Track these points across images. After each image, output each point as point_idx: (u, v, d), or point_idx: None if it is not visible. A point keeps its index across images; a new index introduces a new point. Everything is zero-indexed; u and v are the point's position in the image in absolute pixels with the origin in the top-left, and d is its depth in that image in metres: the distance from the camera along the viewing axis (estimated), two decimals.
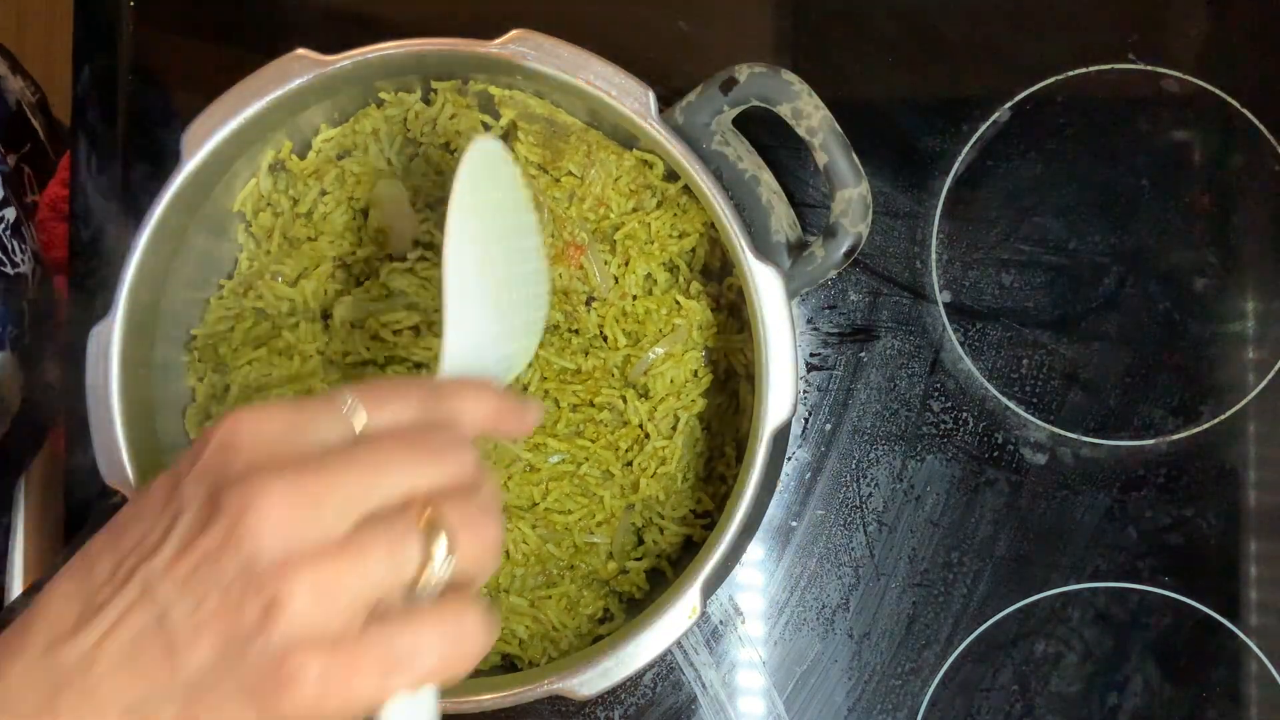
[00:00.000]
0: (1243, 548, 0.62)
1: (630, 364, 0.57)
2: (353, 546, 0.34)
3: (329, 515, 0.34)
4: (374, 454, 0.35)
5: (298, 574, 0.33)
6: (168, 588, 0.33)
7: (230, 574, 0.33)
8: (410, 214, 0.58)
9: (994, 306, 0.63)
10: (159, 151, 0.64)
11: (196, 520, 0.34)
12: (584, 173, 0.56)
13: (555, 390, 0.57)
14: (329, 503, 0.34)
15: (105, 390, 0.52)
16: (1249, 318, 0.62)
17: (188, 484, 0.35)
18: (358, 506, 0.34)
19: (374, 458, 0.35)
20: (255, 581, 0.33)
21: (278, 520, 0.33)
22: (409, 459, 0.36)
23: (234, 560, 0.33)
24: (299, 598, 0.32)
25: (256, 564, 0.33)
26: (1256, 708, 0.61)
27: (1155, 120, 0.63)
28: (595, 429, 0.57)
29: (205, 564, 0.33)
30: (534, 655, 0.57)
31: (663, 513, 0.58)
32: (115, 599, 0.34)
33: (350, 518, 0.34)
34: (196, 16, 0.66)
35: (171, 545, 0.34)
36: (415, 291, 0.57)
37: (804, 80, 0.52)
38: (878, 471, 0.63)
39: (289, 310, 0.58)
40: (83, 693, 0.33)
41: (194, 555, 0.33)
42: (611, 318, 0.57)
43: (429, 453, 0.36)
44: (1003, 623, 0.62)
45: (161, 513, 0.35)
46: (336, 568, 0.33)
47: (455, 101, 0.57)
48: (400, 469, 0.35)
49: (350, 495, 0.34)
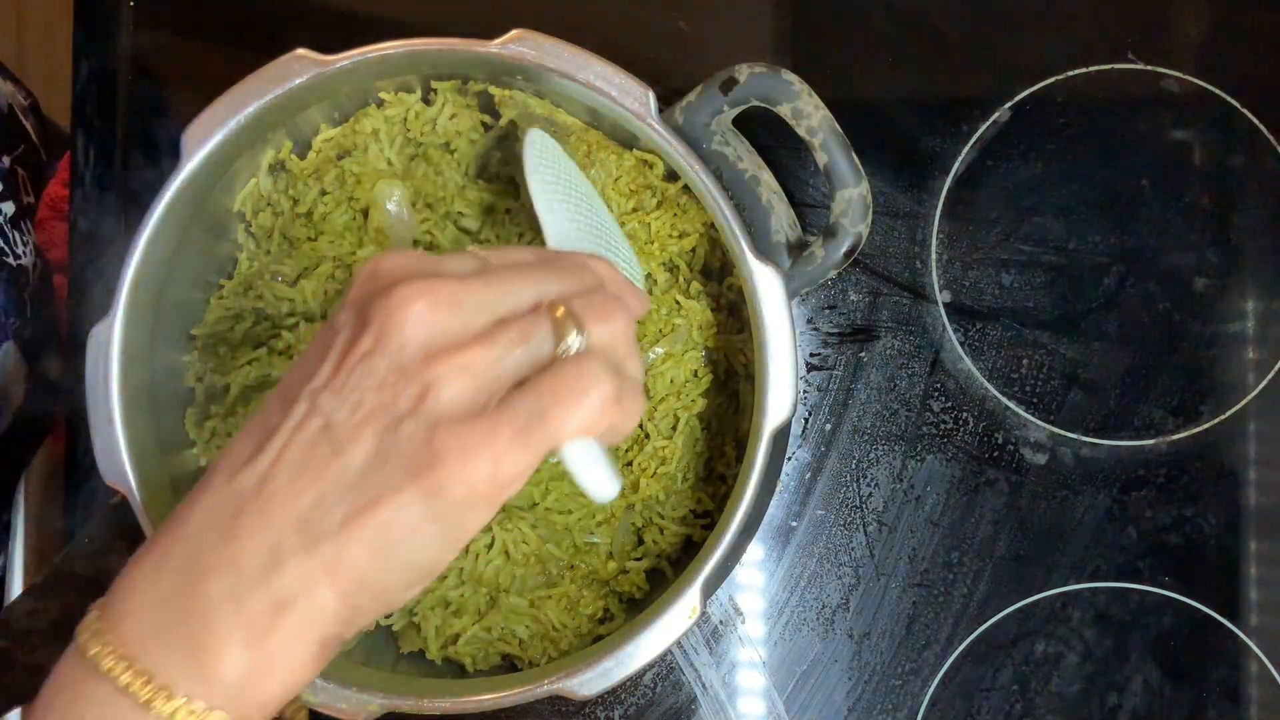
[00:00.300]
0: (1243, 548, 0.62)
1: None
2: (490, 335, 0.37)
3: (467, 313, 0.37)
4: (507, 271, 0.39)
5: (444, 361, 0.36)
6: (329, 397, 0.36)
7: (382, 371, 0.36)
8: (410, 214, 0.58)
9: (994, 306, 0.63)
10: (159, 151, 0.64)
11: (350, 336, 0.37)
12: (584, 173, 0.56)
13: None
14: (467, 304, 0.37)
15: (105, 390, 0.52)
16: (1249, 318, 0.62)
17: (341, 314, 0.38)
18: (493, 308, 0.37)
19: (507, 273, 0.38)
20: (405, 373, 0.36)
21: (420, 319, 0.36)
22: (539, 273, 0.39)
23: (384, 359, 0.36)
24: (446, 381, 0.35)
25: (404, 358, 0.36)
26: (1256, 708, 0.61)
27: (1155, 120, 0.63)
28: None
29: (360, 368, 0.36)
30: (534, 655, 0.57)
31: (663, 513, 0.58)
32: (285, 421, 0.37)
33: (486, 317, 0.37)
34: (196, 16, 0.66)
35: (331, 362, 0.37)
36: None
37: (804, 80, 0.52)
38: (878, 471, 0.63)
39: (289, 310, 0.58)
40: (258, 511, 0.36)
41: (350, 362, 0.36)
42: None
43: (557, 269, 0.40)
44: (1003, 623, 0.62)
45: (322, 346, 0.38)
46: (477, 352, 0.36)
47: (455, 101, 0.57)
48: (531, 281, 0.39)
49: (485, 299, 0.37)
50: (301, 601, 0.35)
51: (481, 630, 0.57)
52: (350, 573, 0.35)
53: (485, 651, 0.57)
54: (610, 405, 0.37)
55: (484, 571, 0.56)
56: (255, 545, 0.35)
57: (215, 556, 0.35)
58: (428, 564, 0.37)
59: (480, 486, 0.35)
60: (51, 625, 0.53)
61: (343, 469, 0.35)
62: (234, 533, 0.35)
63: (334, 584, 0.35)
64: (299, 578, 0.35)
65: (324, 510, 0.35)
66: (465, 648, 0.57)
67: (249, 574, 0.35)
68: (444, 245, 0.58)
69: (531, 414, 0.36)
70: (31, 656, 0.53)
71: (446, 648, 0.57)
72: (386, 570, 0.36)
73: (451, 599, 0.57)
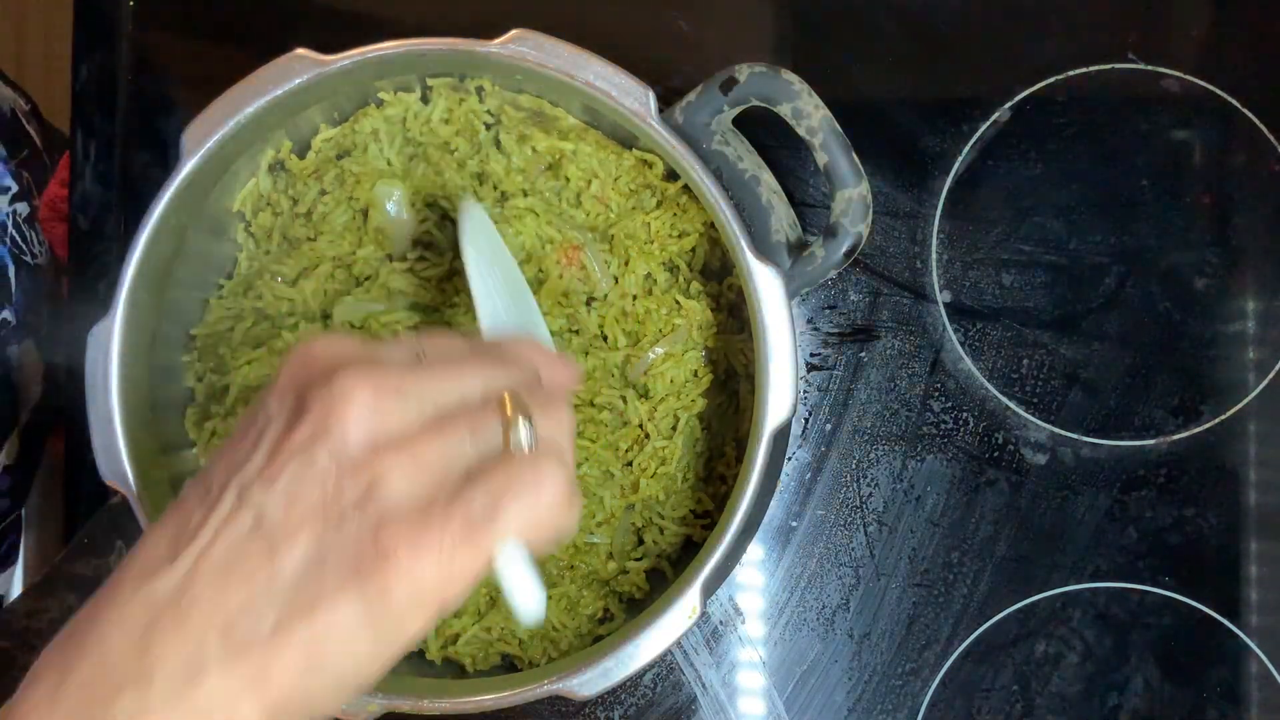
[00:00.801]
0: (1243, 548, 0.62)
1: (630, 364, 0.57)
2: (438, 426, 0.35)
3: (412, 403, 0.35)
4: (449, 363, 0.37)
5: (392, 453, 0.33)
6: (261, 490, 0.33)
7: (323, 463, 0.33)
8: (410, 214, 0.58)
9: (994, 306, 0.63)
10: (159, 151, 0.64)
11: (285, 424, 0.34)
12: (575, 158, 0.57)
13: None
14: (412, 394, 0.35)
15: (105, 390, 0.52)
16: (1249, 318, 0.62)
17: (272, 400, 0.35)
18: (438, 399, 0.35)
19: (450, 365, 0.37)
20: (350, 465, 0.33)
21: (365, 407, 0.34)
22: (483, 365, 0.37)
23: (325, 450, 0.33)
24: (395, 474, 0.33)
25: (348, 449, 0.33)
26: (1256, 708, 0.61)
27: (1155, 120, 0.63)
28: (595, 429, 0.57)
29: (298, 459, 0.33)
30: (534, 655, 0.57)
31: (663, 513, 0.58)
32: (209, 518, 0.33)
33: (431, 408, 0.35)
34: (196, 16, 0.66)
35: (262, 451, 0.34)
36: (415, 292, 0.57)
37: (804, 80, 0.52)
38: (878, 471, 0.63)
39: (289, 310, 0.58)
40: (178, 617, 0.32)
41: (285, 453, 0.33)
42: (611, 318, 0.57)
43: (499, 361, 0.38)
44: (1003, 623, 0.62)
45: (249, 432, 0.35)
46: (427, 444, 0.34)
47: (450, 98, 0.57)
48: (475, 373, 0.37)
49: (430, 389, 0.35)
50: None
51: (481, 630, 0.57)
52: (279, 685, 0.32)
53: (485, 651, 0.57)
54: (563, 504, 0.35)
55: None
56: (172, 656, 0.32)
57: (125, 670, 0.32)
58: (358, 674, 0.33)
59: (427, 588, 0.33)
60: (51, 625, 0.53)
61: (277, 570, 0.32)
62: (148, 643, 0.32)
63: (259, 698, 0.32)
64: (220, 693, 0.31)
65: (253, 616, 0.32)
66: (465, 648, 0.57)
67: (162, 690, 0.31)
68: (444, 245, 0.58)
69: (485, 509, 0.34)
70: (31, 656, 0.53)
71: (446, 648, 0.57)
72: (318, 682, 0.33)
73: None
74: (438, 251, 0.58)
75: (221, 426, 0.57)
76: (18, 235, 0.66)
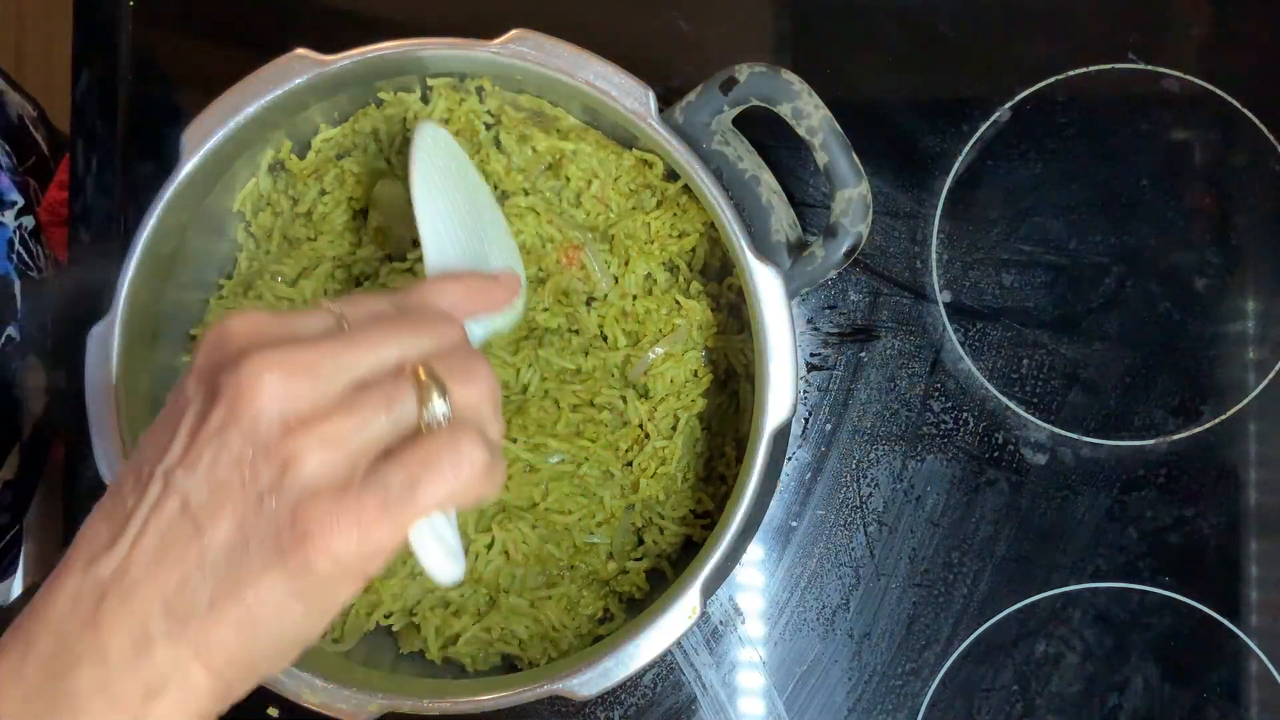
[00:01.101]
0: (1243, 548, 0.62)
1: (630, 364, 0.57)
2: (350, 402, 0.35)
3: (324, 381, 0.35)
4: (362, 332, 0.37)
5: (303, 433, 0.34)
6: (184, 475, 0.35)
7: (237, 447, 0.34)
8: (410, 214, 0.58)
9: (994, 306, 0.63)
10: (158, 151, 0.64)
11: (201, 409, 0.36)
12: (575, 158, 0.57)
13: (555, 390, 0.57)
14: (323, 370, 0.35)
15: (105, 390, 0.52)
16: (1249, 318, 0.62)
17: (188, 385, 0.36)
18: (350, 372, 0.36)
19: (362, 334, 0.37)
20: (263, 447, 0.34)
21: (275, 389, 0.34)
22: (396, 332, 0.38)
23: (238, 433, 0.34)
24: (307, 453, 0.34)
25: (261, 432, 0.34)
26: (1256, 708, 0.61)
27: (1155, 120, 0.63)
28: (595, 429, 0.57)
29: (214, 442, 0.35)
30: (534, 655, 0.57)
31: (663, 513, 0.58)
32: (141, 502, 0.35)
33: (343, 382, 0.36)
34: (196, 16, 0.66)
35: (181, 438, 0.35)
36: None
37: (804, 80, 0.52)
38: (878, 471, 0.63)
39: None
40: (122, 598, 0.35)
41: (202, 438, 0.35)
42: (611, 318, 0.57)
43: (413, 325, 0.38)
44: (1003, 623, 0.62)
45: (170, 417, 0.36)
46: (338, 421, 0.35)
47: (450, 98, 0.57)
48: (388, 340, 0.37)
49: (342, 363, 0.36)
50: (173, 685, 0.34)
51: (481, 630, 0.57)
52: (221, 652, 0.35)
53: (485, 652, 0.57)
54: (481, 476, 0.36)
55: (484, 571, 0.56)
56: (121, 632, 0.34)
57: (81, 646, 0.34)
58: (298, 637, 0.36)
59: (348, 561, 0.34)
60: None
61: (204, 549, 0.34)
62: (98, 621, 0.34)
63: (205, 664, 0.35)
64: (169, 661, 0.34)
65: (189, 592, 0.34)
66: (465, 648, 0.57)
67: (117, 662, 0.34)
68: None
69: (402, 487, 0.35)
70: None
71: (446, 648, 0.57)
72: (256, 647, 0.35)
73: (451, 599, 0.57)
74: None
75: None
76: (24, 251, 0.66)
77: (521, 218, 0.56)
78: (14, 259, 0.66)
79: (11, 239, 0.66)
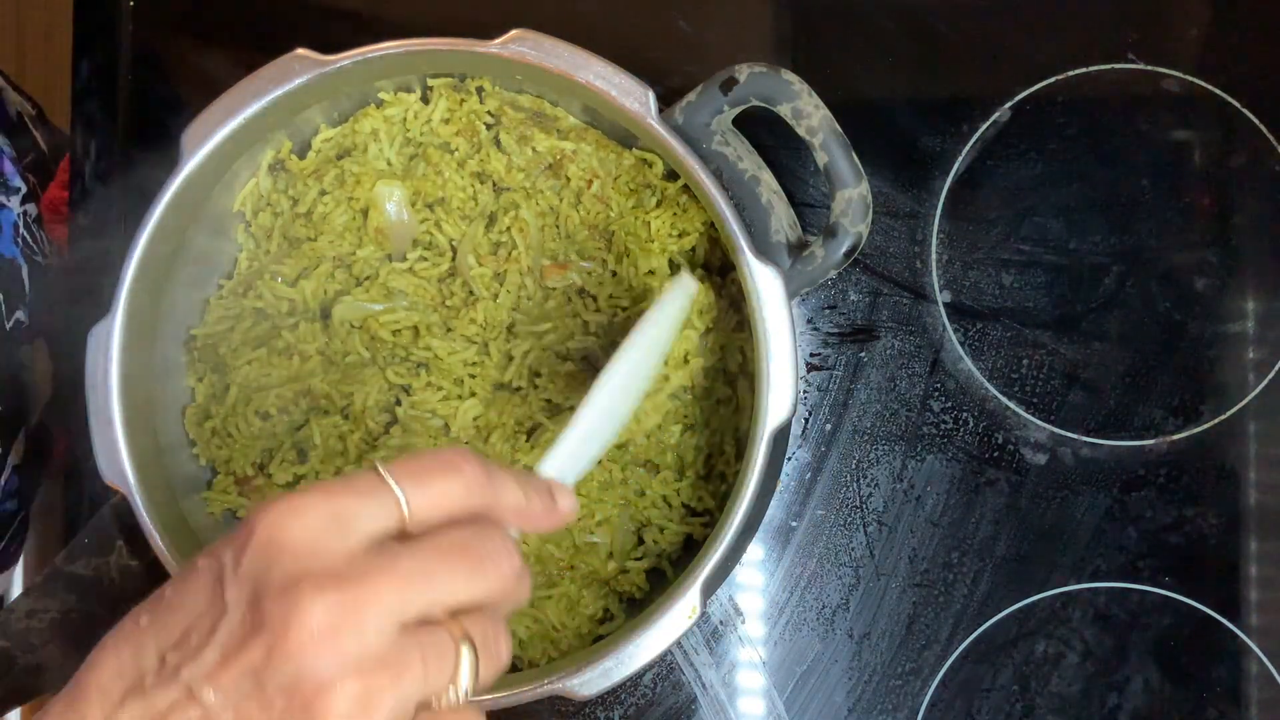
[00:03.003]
0: (1243, 548, 0.62)
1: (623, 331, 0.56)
2: (392, 663, 0.34)
3: (370, 631, 0.34)
4: (417, 562, 0.36)
5: (339, 690, 0.33)
6: (211, 693, 0.34)
7: (272, 688, 0.33)
8: (410, 214, 0.58)
9: (994, 306, 0.63)
10: (158, 151, 0.64)
11: (240, 628, 0.34)
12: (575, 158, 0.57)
13: (555, 390, 0.57)
14: (370, 617, 0.34)
15: (105, 390, 0.52)
16: (1249, 318, 0.62)
17: (231, 585, 0.35)
18: (398, 618, 0.35)
19: (417, 565, 0.35)
20: (298, 698, 0.33)
21: (320, 637, 0.33)
22: (453, 570, 0.36)
23: (275, 676, 0.33)
24: (338, 715, 0.33)
25: (299, 681, 0.33)
26: (1256, 708, 0.61)
27: (1155, 120, 0.63)
28: None
29: (249, 676, 0.34)
30: (534, 655, 0.57)
31: (662, 511, 0.58)
32: (161, 692, 0.34)
33: (391, 631, 0.34)
34: (196, 16, 0.66)
35: (214, 651, 0.34)
36: (415, 292, 0.57)
37: (804, 80, 0.52)
38: (878, 471, 0.63)
39: (289, 310, 0.58)
40: None
41: (238, 666, 0.34)
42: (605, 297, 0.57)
43: (472, 563, 0.37)
44: (1003, 623, 0.62)
45: (207, 609, 0.35)
46: (376, 684, 0.34)
47: (450, 98, 0.57)
48: (443, 581, 0.36)
49: (391, 608, 0.35)
50: None
51: None
52: None
53: None
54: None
55: None
56: None
57: None
58: None
59: None
60: (51, 625, 0.53)
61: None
62: None
63: None
64: None
65: None
66: None
67: None
68: (443, 245, 0.57)
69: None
70: (31, 656, 0.53)
71: None
72: None
73: None
74: (438, 251, 0.58)
75: (221, 426, 0.57)
76: (28, 236, 0.67)
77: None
78: (20, 243, 0.66)
79: (16, 223, 0.66)
